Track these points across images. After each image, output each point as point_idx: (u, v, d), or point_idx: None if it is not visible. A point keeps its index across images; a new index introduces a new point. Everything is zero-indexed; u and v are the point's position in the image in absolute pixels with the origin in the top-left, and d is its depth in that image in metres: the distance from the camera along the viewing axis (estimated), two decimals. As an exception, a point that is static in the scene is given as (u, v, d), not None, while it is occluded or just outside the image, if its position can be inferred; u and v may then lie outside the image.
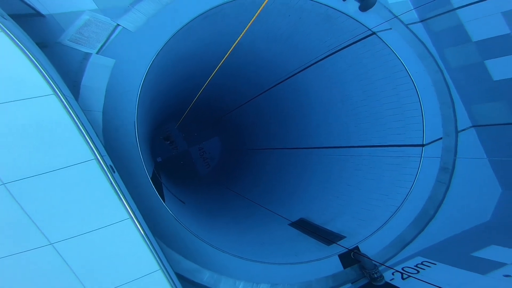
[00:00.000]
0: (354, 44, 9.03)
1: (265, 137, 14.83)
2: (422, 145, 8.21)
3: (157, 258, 4.20)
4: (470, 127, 8.38)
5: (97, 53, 5.64)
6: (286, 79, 11.77)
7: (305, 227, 8.41)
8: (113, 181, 3.99)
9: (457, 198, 7.36)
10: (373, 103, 9.47)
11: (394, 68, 8.68)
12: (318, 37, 9.34)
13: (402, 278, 5.69)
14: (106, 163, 4.04)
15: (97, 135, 4.82)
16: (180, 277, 5.66)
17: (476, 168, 7.76)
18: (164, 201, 6.11)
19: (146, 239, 4.14)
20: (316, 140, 11.62)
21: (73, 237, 3.91)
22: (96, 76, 5.70)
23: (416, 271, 5.75)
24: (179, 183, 13.62)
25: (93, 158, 3.91)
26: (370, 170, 9.03)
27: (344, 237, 7.21)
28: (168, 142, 16.04)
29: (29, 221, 3.75)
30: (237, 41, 5.76)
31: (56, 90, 3.79)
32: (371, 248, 6.72)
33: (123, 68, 6.02)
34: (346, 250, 6.55)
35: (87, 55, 5.57)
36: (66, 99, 3.90)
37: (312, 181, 10.96)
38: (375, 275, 5.82)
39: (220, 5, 6.87)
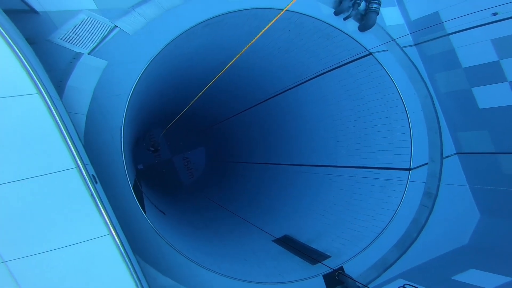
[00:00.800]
0: (350, 63, 9.23)
1: (252, 151, 14.75)
2: (409, 169, 8.37)
3: (135, 278, 3.89)
4: (454, 154, 8.68)
5: (89, 53, 5.41)
6: (277, 94, 11.86)
7: (290, 244, 8.25)
8: (94, 193, 3.70)
9: (439, 221, 7.50)
10: (364, 124, 9.63)
11: (388, 90, 8.89)
12: (314, 54, 9.49)
13: (385, 301, 5.65)
14: (88, 173, 3.74)
15: (80, 141, 4.55)
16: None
17: (457, 194, 7.99)
18: (145, 213, 5.82)
19: (126, 258, 3.82)
20: (304, 157, 11.65)
21: (41, 253, 3.58)
22: (84, 77, 5.44)
23: None
24: (160, 192, 13.20)
25: (75, 166, 3.62)
26: (357, 191, 9.08)
27: (329, 256, 7.12)
28: (153, 149, 15.60)
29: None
30: (237, 56, 5.70)
31: (41, 89, 3.54)
32: (355, 269, 6.67)
33: (115, 71, 5.81)
34: (331, 270, 6.45)
35: (78, 55, 5.34)
36: (52, 100, 3.65)
37: (298, 198, 10.89)
38: None
39: (223, 14, 6.83)
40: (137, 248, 5.42)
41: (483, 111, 8.03)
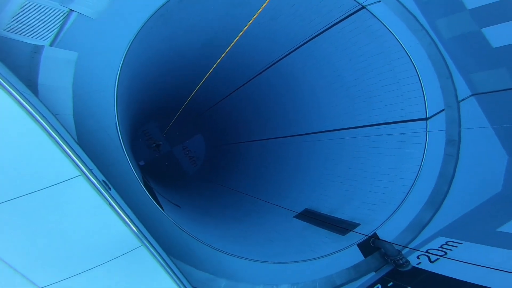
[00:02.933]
0: (342, 21, 8.47)
1: (251, 130, 14.06)
2: (426, 119, 7.84)
3: (177, 281, 3.49)
4: (470, 95, 8.13)
5: (50, 45, 4.59)
6: (267, 68, 11.07)
7: (313, 217, 7.90)
8: (114, 204, 3.20)
9: (467, 170, 7.08)
10: (367, 81, 8.97)
11: (388, 43, 8.16)
12: (302, 18, 8.69)
13: (430, 261, 5.30)
14: (98, 179, 3.18)
15: (77, 144, 3.93)
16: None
17: (481, 137, 7.51)
18: (163, 210, 5.34)
19: (163, 263, 3.48)
20: (308, 126, 11.05)
21: (77, 275, 3.10)
22: (56, 73, 4.64)
23: (443, 253, 5.39)
24: (167, 185, 12.69)
25: (80, 174, 3.05)
26: (373, 151, 8.60)
27: (358, 224, 6.74)
28: (155, 145, 14.90)
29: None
30: (234, 41, 4.94)
31: (7, 86, 2.83)
32: (389, 233, 6.28)
33: (91, 63, 5.00)
34: (366, 237, 6.08)
35: (37, 48, 4.49)
36: (26, 98, 2.98)
37: (310, 169, 10.44)
38: (400, 261, 5.39)
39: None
40: (166, 248, 4.99)
41: (497, 49, 7.44)
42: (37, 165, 3.08)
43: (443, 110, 7.97)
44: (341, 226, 6.69)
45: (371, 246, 6.08)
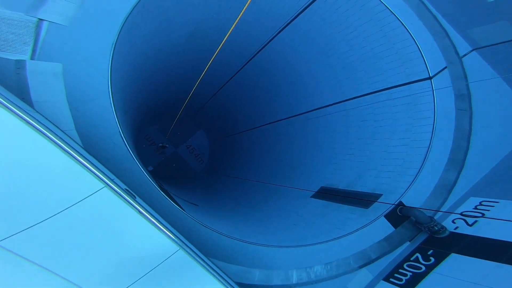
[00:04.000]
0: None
1: (253, 116, 13.66)
2: (430, 78, 7.51)
3: (220, 279, 3.48)
4: (471, 50, 7.77)
5: (31, 58, 4.22)
6: (261, 49, 10.61)
7: (332, 194, 7.69)
8: (143, 211, 3.11)
9: (484, 123, 6.75)
10: (362, 50, 8.58)
11: (374, 9, 7.77)
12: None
13: (468, 224, 5.01)
14: (121, 188, 3.09)
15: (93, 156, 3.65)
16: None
17: (492, 89, 7.16)
18: (184, 210, 5.10)
19: (203, 263, 3.43)
20: (309, 103, 10.67)
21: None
22: (47, 88, 4.27)
23: (480, 214, 5.10)
24: (179, 186, 12.47)
25: (104, 185, 2.95)
26: (380, 117, 8.27)
27: (380, 195, 6.50)
28: (160, 144, 14.54)
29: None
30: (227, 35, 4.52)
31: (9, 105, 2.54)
32: (415, 200, 5.99)
33: (79, 71, 4.62)
34: (391, 206, 5.86)
35: (20, 64, 4.13)
36: (34, 118, 2.70)
37: (318, 146, 10.12)
38: (435, 227, 5.12)
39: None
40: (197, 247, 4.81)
41: (493, 3, 7.04)
42: (60, 184, 2.99)
43: (445, 67, 7.64)
44: (363, 199, 6.46)
45: (399, 215, 5.84)
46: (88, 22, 4.83)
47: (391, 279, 4.80)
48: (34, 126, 2.81)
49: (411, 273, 4.72)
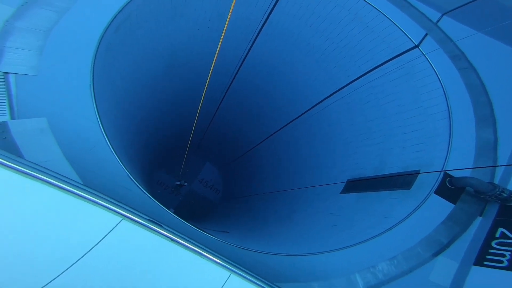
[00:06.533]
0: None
1: (254, 131, 12.69)
2: (416, 46, 7.04)
3: None
4: (442, 15, 7.60)
5: (12, 118, 3.56)
6: (242, 63, 10.03)
7: (363, 184, 6.79)
8: (183, 240, 2.61)
9: (492, 75, 6.12)
10: (338, 37, 8.14)
11: None
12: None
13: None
14: (143, 217, 2.64)
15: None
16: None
17: (481, 45, 6.65)
18: (220, 239, 4.23)
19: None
20: (305, 102, 9.95)
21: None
22: (39, 147, 3.58)
23: None
24: (202, 219, 11.48)
25: (121, 218, 2.51)
26: (380, 95, 7.59)
27: (418, 171, 5.59)
28: (178, 184, 13.61)
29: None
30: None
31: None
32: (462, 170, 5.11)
33: (66, 122, 3.95)
34: (437, 179, 4.97)
35: (2, 126, 3.47)
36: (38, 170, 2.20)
37: (329, 140, 9.28)
38: (503, 194, 4.17)
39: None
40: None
41: None
42: (77, 228, 2.52)
43: (426, 34, 7.35)
44: (402, 181, 5.56)
45: (451, 188, 4.90)
46: (55, 67, 4.19)
47: (486, 263, 3.82)
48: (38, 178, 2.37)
49: (509, 252, 3.75)
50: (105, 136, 4.25)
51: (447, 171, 4.92)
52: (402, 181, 5.53)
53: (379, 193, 6.02)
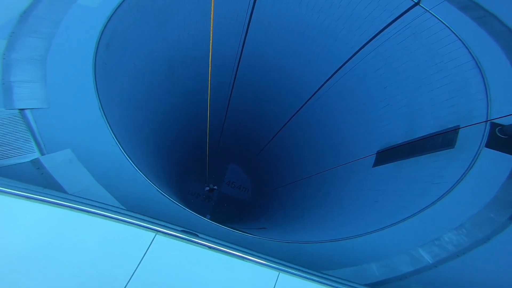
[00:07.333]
0: None
1: (270, 120, 12.23)
2: (417, 3, 6.36)
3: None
4: None
5: (42, 154, 3.52)
6: (240, 58, 9.62)
7: (397, 153, 6.28)
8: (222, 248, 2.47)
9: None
10: (329, 11, 7.55)
11: None
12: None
13: None
14: (176, 229, 2.56)
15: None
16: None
17: None
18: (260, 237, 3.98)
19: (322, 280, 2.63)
20: (314, 83, 9.43)
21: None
22: (74, 177, 3.58)
23: None
24: (239, 221, 11.35)
25: (154, 233, 2.42)
26: (392, 60, 6.97)
27: (457, 126, 5.02)
28: (208, 189, 13.60)
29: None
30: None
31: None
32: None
33: (90, 148, 3.91)
34: (484, 129, 4.38)
35: (36, 163, 3.46)
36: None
37: (345, 115, 8.71)
38: None
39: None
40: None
41: None
42: (117, 249, 2.40)
43: None
44: (442, 140, 5.00)
45: (505, 138, 4.29)
46: (62, 95, 4.10)
47: None
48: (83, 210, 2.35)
49: None
50: (127, 157, 4.13)
51: (493, 121, 4.32)
52: (441, 140, 4.99)
53: (418, 158, 5.51)
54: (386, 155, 6.66)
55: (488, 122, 4.29)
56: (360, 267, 3.92)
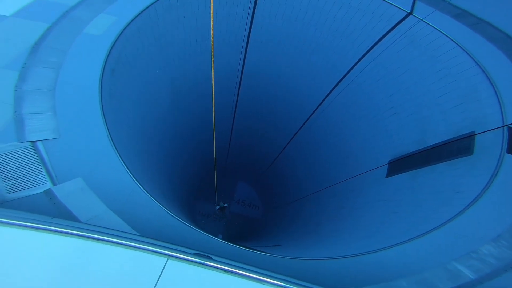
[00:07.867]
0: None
1: (276, 136, 12.11)
2: (410, 13, 6.44)
3: None
4: None
5: (54, 185, 3.49)
6: (242, 71, 9.68)
7: (411, 162, 6.04)
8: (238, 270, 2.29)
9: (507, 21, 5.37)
10: (326, 24, 7.61)
11: None
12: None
13: None
14: (188, 253, 2.43)
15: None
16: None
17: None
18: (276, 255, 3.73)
19: None
20: (316, 96, 9.38)
21: None
22: (85, 205, 3.51)
23: None
24: (252, 239, 10.96)
25: (166, 258, 2.31)
26: (392, 68, 6.92)
27: (472, 132, 4.79)
28: (219, 208, 13.29)
29: None
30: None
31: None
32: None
33: (100, 175, 3.84)
34: (502, 134, 4.17)
35: (48, 194, 3.41)
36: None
37: (350, 126, 8.53)
38: None
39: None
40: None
41: None
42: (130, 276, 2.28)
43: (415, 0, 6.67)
44: (458, 147, 4.77)
45: None
46: (72, 124, 4.11)
47: None
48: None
49: None
50: (136, 182, 4.04)
51: (510, 126, 4.12)
52: (457, 147, 4.76)
53: (435, 167, 5.25)
54: (400, 165, 6.41)
55: (506, 127, 4.08)
56: (386, 284, 3.59)
